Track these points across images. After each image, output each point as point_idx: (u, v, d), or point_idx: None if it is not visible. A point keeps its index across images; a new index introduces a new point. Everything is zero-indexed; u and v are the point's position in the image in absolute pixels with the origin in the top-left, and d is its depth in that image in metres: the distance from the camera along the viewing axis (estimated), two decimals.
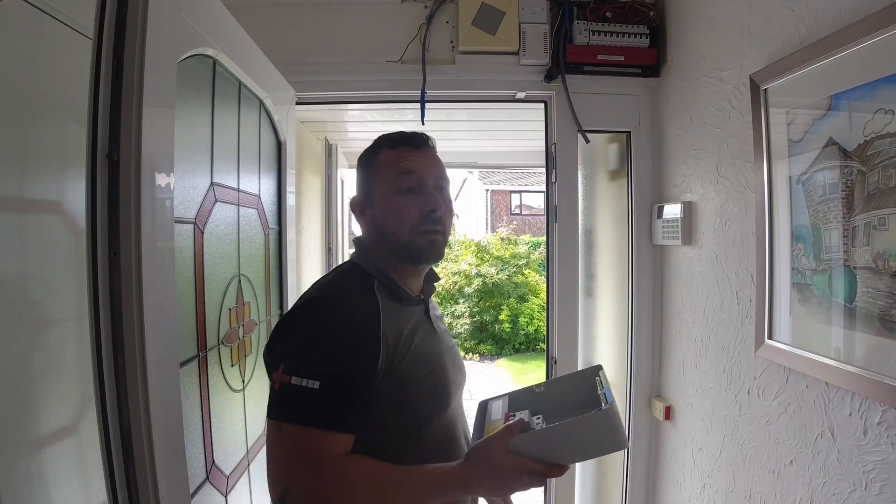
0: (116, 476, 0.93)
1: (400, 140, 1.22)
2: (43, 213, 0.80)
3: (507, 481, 1.04)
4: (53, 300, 0.83)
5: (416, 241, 1.17)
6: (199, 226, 1.25)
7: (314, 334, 1.03)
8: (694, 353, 1.94)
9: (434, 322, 1.27)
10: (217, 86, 1.37)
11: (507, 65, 2.11)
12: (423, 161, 1.20)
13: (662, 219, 2.09)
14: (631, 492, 2.27)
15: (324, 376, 0.98)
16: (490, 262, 11.63)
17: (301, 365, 0.99)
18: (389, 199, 1.17)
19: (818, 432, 1.34)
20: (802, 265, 1.38)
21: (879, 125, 1.14)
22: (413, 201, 1.16)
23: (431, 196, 1.18)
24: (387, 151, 1.21)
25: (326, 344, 1.02)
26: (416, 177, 1.17)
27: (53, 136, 0.82)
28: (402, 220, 1.16)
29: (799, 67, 1.36)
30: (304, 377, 0.97)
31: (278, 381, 0.98)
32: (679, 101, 2.02)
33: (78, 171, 0.86)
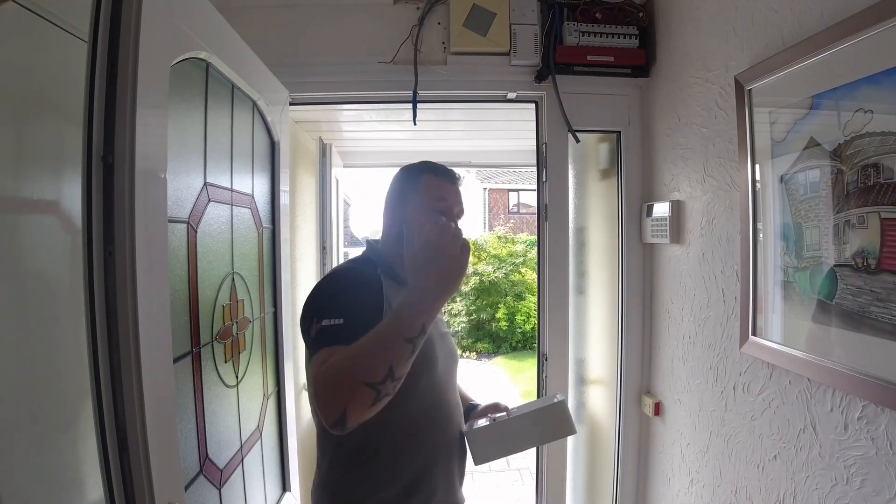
0: (112, 469, 0.96)
1: (442, 172, 1.51)
2: (39, 213, 0.82)
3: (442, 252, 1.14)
4: (49, 299, 0.85)
5: None
6: (192, 225, 1.27)
7: (333, 292, 1.30)
8: (682, 349, 1.97)
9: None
10: (210, 88, 1.39)
11: (498, 65, 2.13)
12: (454, 193, 1.50)
13: (652, 217, 2.11)
14: (622, 487, 2.30)
15: (345, 314, 1.20)
16: (487, 260, 11.66)
17: (327, 312, 1.21)
18: (422, 214, 1.43)
19: (801, 427, 1.37)
20: (785, 263, 1.40)
21: (859, 125, 1.16)
22: None
23: (454, 221, 1.47)
24: (431, 177, 1.49)
25: (343, 296, 1.28)
26: (447, 204, 1.47)
27: (50, 137, 0.85)
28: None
29: (782, 68, 1.38)
30: (331, 318, 1.19)
31: (315, 329, 1.19)
32: (668, 101, 2.05)
33: (74, 171, 0.89)
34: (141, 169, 0.95)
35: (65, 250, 0.87)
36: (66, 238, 0.87)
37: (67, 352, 0.89)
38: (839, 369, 1.22)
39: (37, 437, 0.79)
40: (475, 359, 10.64)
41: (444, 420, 1.46)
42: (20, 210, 0.79)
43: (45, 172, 0.83)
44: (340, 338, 1.15)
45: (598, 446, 2.54)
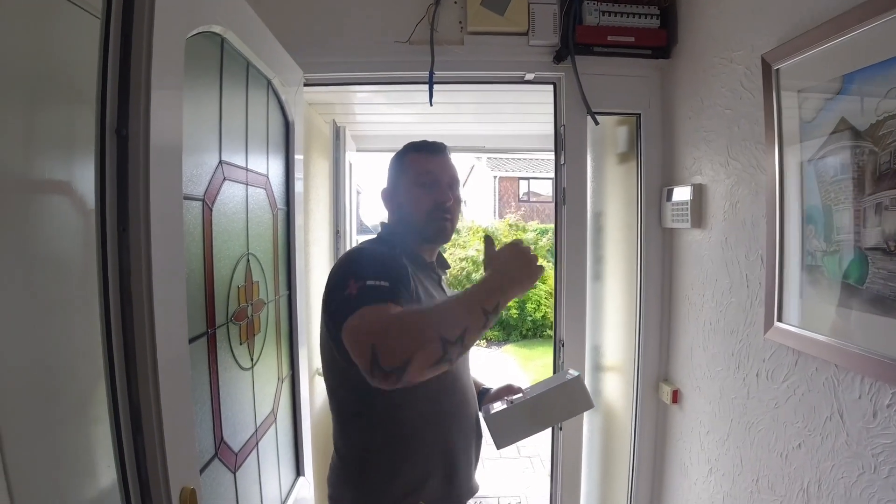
0: (126, 452, 0.94)
1: (423, 147, 1.54)
2: (50, 194, 0.80)
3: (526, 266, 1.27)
4: (61, 280, 0.83)
5: (429, 224, 1.48)
6: (207, 203, 1.25)
7: (369, 259, 1.32)
8: (702, 336, 1.93)
9: (447, 293, 1.55)
10: (225, 64, 1.36)
11: (516, 45, 2.09)
12: (439, 164, 1.51)
13: (672, 202, 2.07)
14: (637, 475, 2.28)
15: (390, 279, 1.21)
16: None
17: (369, 273, 1.21)
18: (411, 191, 1.49)
19: (827, 415, 1.33)
20: (813, 247, 1.37)
21: (892, 105, 1.12)
22: (429, 194, 1.47)
23: (443, 191, 1.49)
24: (413, 154, 1.53)
25: (380, 263, 1.28)
26: (433, 175, 1.49)
27: (61, 116, 0.82)
28: (421, 206, 1.47)
29: (811, 47, 1.33)
30: (376, 279, 1.19)
31: (354, 287, 1.17)
32: (689, 83, 2.00)
33: (85, 151, 0.86)
34: (156, 142, 0.93)
35: (77, 231, 0.85)
36: (79, 219, 0.85)
37: (79, 334, 0.87)
38: (869, 355, 1.19)
39: (48, 420, 0.77)
40: (485, 346, 10.63)
41: (461, 405, 1.46)
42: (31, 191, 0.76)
43: (55, 152, 0.80)
44: (389, 294, 1.17)
45: (613, 434, 2.51)
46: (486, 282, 1.22)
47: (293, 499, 1.84)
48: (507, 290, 1.22)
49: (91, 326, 0.89)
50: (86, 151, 0.87)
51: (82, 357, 0.87)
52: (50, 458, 0.77)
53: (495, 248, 1.35)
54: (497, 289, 1.20)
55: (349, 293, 1.17)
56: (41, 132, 0.79)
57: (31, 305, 0.76)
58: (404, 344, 1.08)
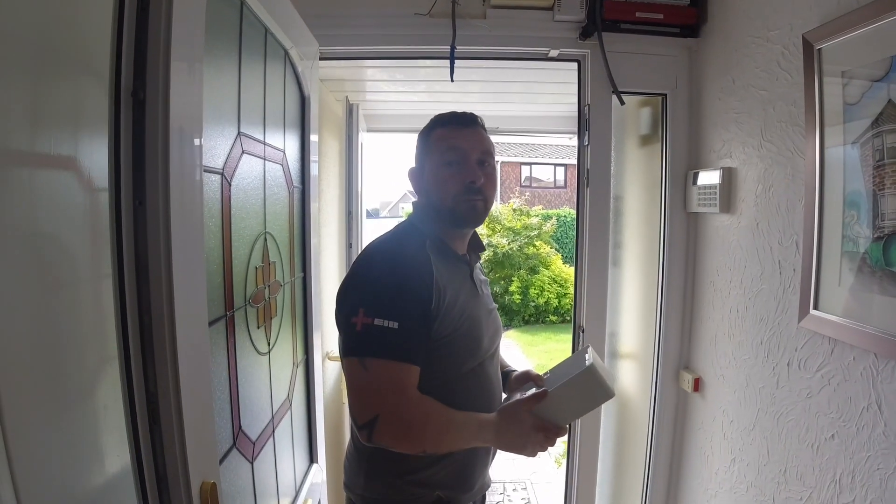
0: (142, 443, 0.88)
1: (450, 119, 1.40)
2: (56, 170, 0.73)
3: (526, 438, 1.24)
4: (68, 261, 0.76)
5: (458, 207, 1.35)
6: (226, 177, 1.18)
7: (386, 283, 1.23)
8: (728, 323, 1.88)
9: (478, 285, 1.46)
10: (244, 30, 1.29)
11: (541, 20, 2.00)
12: (468, 138, 1.37)
13: (697, 185, 2.01)
14: (654, 464, 2.24)
15: (400, 317, 1.18)
16: (501, 232, 11.56)
17: (382, 309, 1.18)
18: (438, 171, 1.37)
19: (864, 405, 1.29)
20: (855, 233, 1.31)
21: None
22: (457, 173, 1.35)
23: (473, 169, 1.35)
24: (439, 129, 1.40)
25: (397, 291, 1.22)
26: (461, 152, 1.35)
27: (68, 88, 0.75)
28: (448, 189, 1.35)
29: (857, 27, 1.27)
30: (386, 318, 1.17)
31: (360, 322, 1.17)
32: (720, 63, 1.93)
33: (97, 121, 0.80)
34: (176, 107, 0.86)
35: (85, 209, 0.78)
36: (86, 196, 0.78)
37: (88, 316, 0.80)
38: None
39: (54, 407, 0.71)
40: None
41: (486, 401, 1.40)
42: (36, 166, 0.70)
43: (63, 124, 0.74)
44: (396, 348, 1.19)
45: (628, 421, 2.48)
46: (485, 433, 1.27)
47: (308, 486, 1.79)
48: (493, 443, 1.30)
49: (103, 308, 0.83)
50: (97, 122, 0.80)
51: (92, 340, 0.81)
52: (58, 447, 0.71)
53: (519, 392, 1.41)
54: (488, 441, 1.28)
55: (355, 325, 1.18)
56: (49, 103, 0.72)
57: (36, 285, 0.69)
58: (400, 435, 1.20)
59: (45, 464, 0.69)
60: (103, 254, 0.82)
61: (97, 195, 0.80)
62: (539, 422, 1.24)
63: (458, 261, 1.42)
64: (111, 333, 0.84)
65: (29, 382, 0.67)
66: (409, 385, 1.21)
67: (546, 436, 1.24)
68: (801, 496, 1.51)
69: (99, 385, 0.83)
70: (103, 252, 0.82)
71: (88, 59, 0.79)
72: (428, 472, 1.33)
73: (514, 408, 1.26)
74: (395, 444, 1.21)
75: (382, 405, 1.18)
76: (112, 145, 0.82)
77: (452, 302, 1.30)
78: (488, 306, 1.48)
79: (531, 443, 1.24)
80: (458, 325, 1.30)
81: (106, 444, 0.83)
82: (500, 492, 4.33)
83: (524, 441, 1.24)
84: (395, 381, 1.19)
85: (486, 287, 1.53)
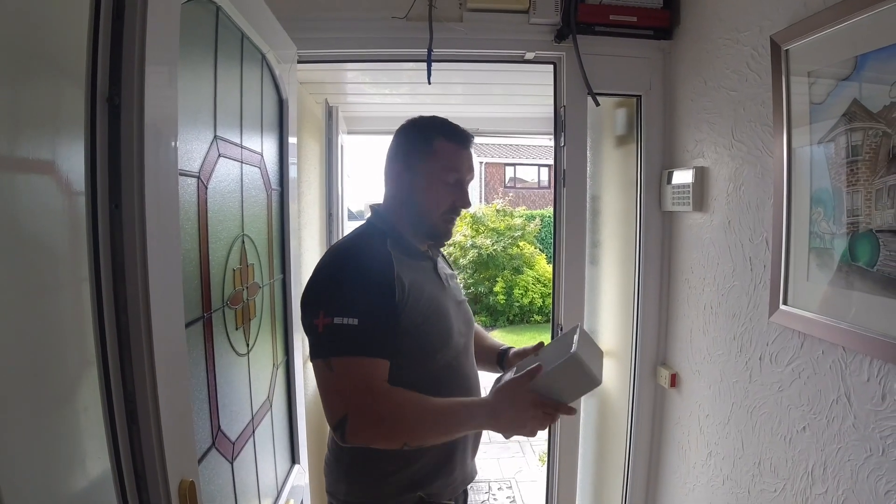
0: (120, 443, 0.89)
1: (457, 135, 1.38)
2: (36, 174, 0.74)
3: (525, 415, 1.19)
4: (48, 264, 0.77)
5: (438, 226, 1.39)
6: (202, 180, 1.19)
7: (343, 281, 1.23)
8: (702, 320, 1.92)
9: (444, 279, 1.46)
10: (220, 34, 1.30)
11: (517, 23, 2.03)
12: (469, 161, 1.39)
13: (672, 185, 2.04)
14: (634, 459, 2.27)
15: (359, 313, 1.18)
16: (485, 233, 11.60)
17: (340, 307, 1.18)
18: (434, 186, 1.36)
19: (833, 398, 1.32)
20: (822, 229, 1.35)
21: None
22: (451, 194, 1.37)
23: (466, 195, 1.39)
24: (444, 142, 1.37)
25: (355, 287, 1.22)
26: (460, 175, 1.37)
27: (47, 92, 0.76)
28: (437, 207, 1.36)
29: (823, 28, 1.30)
30: (345, 316, 1.17)
31: (321, 324, 1.17)
32: (692, 64, 1.96)
33: (71, 130, 0.80)
34: (151, 112, 0.87)
35: (64, 212, 0.79)
36: (65, 199, 0.79)
37: (68, 320, 0.81)
38: (879, 338, 1.18)
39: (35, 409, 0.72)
40: None
41: (464, 387, 1.41)
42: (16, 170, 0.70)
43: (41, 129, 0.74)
44: (358, 344, 1.18)
45: (609, 417, 2.50)
46: (477, 417, 1.23)
47: (289, 487, 1.80)
48: (489, 426, 1.24)
49: (81, 309, 0.84)
50: (74, 127, 0.81)
51: (73, 343, 0.82)
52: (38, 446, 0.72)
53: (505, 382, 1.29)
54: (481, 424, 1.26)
55: (317, 327, 1.18)
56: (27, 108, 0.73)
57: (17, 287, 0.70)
58: (373, 430, 1.18)
59: (26, 463, 0.69)
60: (81, 256, 0.83)
61: (75, 199, 0.81)
62: (538, 398, 1.20)
63: (420, 256, 1.41)
64: (89, 334, 0.84)
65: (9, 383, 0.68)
66: (376, 378, 1.19)
67: (546, 412, 1.20)
68: (776, 488, 1.54)
69: (78, 385, 0.83)
70: (81, 254, 0.83)
71: (65, 65, 0.80)
72: (409, 472, 1.32)
73: (511, 385, 1.22)
74: (371, 440, 1.20)
75: (350, 403, 1.16)
76: (88, 150, 0.83)
77: (418, 293, 1.30)
78: (457, 298, 1.48)
79: (532, 419, 1.19)
80: (427, 316, 1.30)
81: (85, 443, 0.84)
82: (486, 491, 4.35)
83: (525, 418, 1.19)
84: (361, 377, 1.17)
85: (453, 280, 1.52)
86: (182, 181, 1.06)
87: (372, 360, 1.19)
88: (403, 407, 1.20)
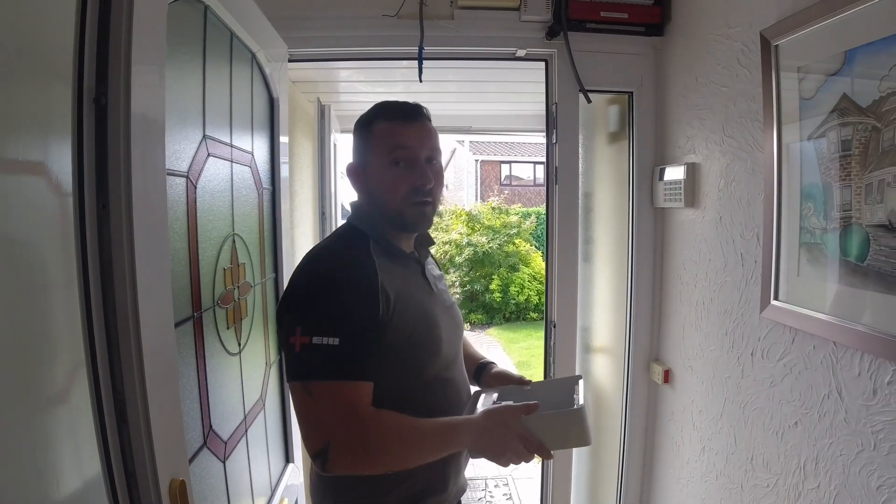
0: (110, 443, 0.89)
1: (395, 112, 1.27)
2: (22, 174, 0.74)
3: (508, 445, 1.15)
4: (39, 265, 0.77)
5: (406, 212, 1.26)
6: (191, 180, 1.19)
7: (323, 296, 1.12)
8: (695, 316, 1.92)
9: (431, 282, 1.36)
10: (208, 34, 1.30)
11: (508, 21, 2.03)
12: (416, 134, 1.25)
13: (664, 181, 2.05)
14: (628, 455, 2.28)
15: (341, 332, 1.08)
16: (481, 231, 11.60)
17: (319, 324, 1.08)
18: (383, 172, 1.25)
19: (825, 393, 1.32)
20: (812, 224, 1.35)
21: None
22: (405, 175, 1.24)
23: (423, 170, 1.24)
24: (382, 123, 1.26)
25: (336, 303, 1.11)
26: (410, 151, 1.23)
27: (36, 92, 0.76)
28: (395, 193, 1.24)
29: (813, 22, 1.30)
30: (324, 335, 1.07)
31: (298, 343, 1.07)
32: (683, 61, 1.97)
33: (61, 130, 0.80)
34: (138, 112, 0.87)
35: (51, 212, 0.79)
36: (52, 199, 0.79)
37: (56, 319, 0.81)
38: (870, 332, 1.18)
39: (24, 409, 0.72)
40: (469, 330, 10.65)
41: (457, 411, 1.31)
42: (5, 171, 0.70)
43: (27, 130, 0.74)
44: (340, 367, 1.09)
45: (603, 414, 2.51)
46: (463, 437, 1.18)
47: (283, 486, 1.80)
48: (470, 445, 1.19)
49: (70, 309, 0.84)
50: (61, 127, 0.81)
51: (62, 342, 0.82)
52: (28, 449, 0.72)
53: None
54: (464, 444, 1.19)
55: (293, 346, 1.08)
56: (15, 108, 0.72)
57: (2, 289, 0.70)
58: (356, 460, 1.09)
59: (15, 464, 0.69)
60: (69, 256, 0.83)
61: (63, 199, 0.81)
62: (525, 432, 1.16)
63: (406, 259, 1.32)
64: (78, 334, 0.84)
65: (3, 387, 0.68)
66: (360, 403, 1.10)
67: (527, 448, 1.16)
68: (768, 483, 1.54)
69: (66, 385, 0.83)
70: (69, 254, 0.83)
71: (52, 64, 0.80)
72: (401, 490, 1.24)
73: (504, 412, 1.18)
74: (354, 469, 1.12)
75: (332, 431, 1.07)
76: (75, 150, 0.83)
77: (404, 305, 1.20)
78: (446, 303, 1.40)
79: (510, 451, 1.16)
80: (415, 328, 1.22)
81: (75, 442, 0.84)
82: (482, 488, 4.36)
83: (505, 447, 1.15)
84: (343, 403, 1.08)
85: (441, 283, 1.44)
86: (170, 181, 1.06)
87: (354, 383, 1.10)
88: (389, 432, 1.11)
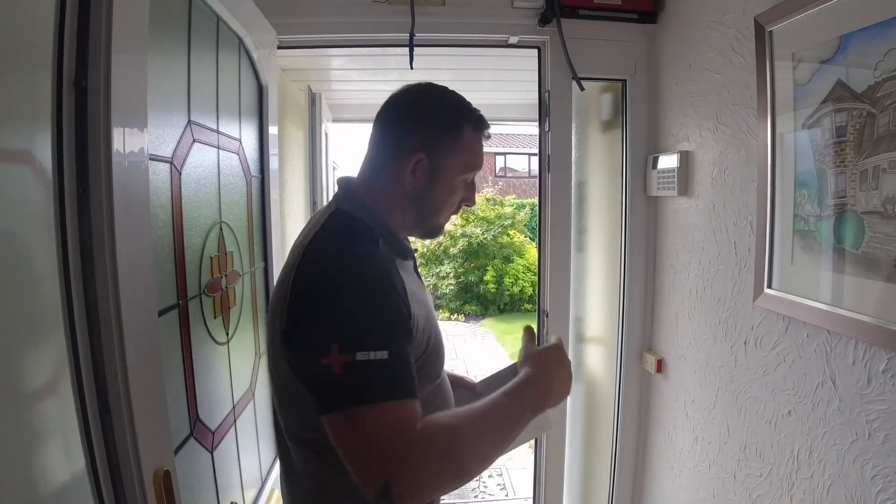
0: (93, 432, 0.87)
1: (481, 123, 1.15)
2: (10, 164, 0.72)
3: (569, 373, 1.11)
4: (26, 257, 0.75)
5: (441, 224, 1.18)
6: (175, 166, 1.16)
7: (358, 303, 0.92)
8: (688, 305, 1.91)
9: (421, 277, 1.25)
10: (193, 17, 1.27)
11: (500, 7, 2.01)
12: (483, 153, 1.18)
13: (657, 169, 2.03)
14: (621, 445, 2.27)
15: (388, 341, 0.90)
16: (475, 222, 11.60)
17: (362, 337, 0.88)
18: (453, 181, 1.12)
19: (818, 381, 1.32)
20: (806, 212, 1.34)
21: (891, 65, 1.08)
22: (465, 191, 1.16)
23: (474, 191, 1.19)
24: (471, 132, 1.12)
25: (374, 310, 0.93)
26: (479, 171, 1.17)
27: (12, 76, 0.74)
28: (451, 206, 1.16)
29: (806, 8, 1.29)
30: (371, 349, 0.87)
31: (337, 363, 0.86)
32: (677, 48, 1.95)
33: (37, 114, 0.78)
34: (118, 95, 0.85)
35: (37, 200, 0.77)
36: (31, 184, 0.77)
37: (41, 309, 0.79)
38: (864, 320, 1.17)
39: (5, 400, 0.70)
40: (463, 321, 10.66)
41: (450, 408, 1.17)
42: None
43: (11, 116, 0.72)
44: (391, 385, 0.88)
45: (596, 404, 2.51)
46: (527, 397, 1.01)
47: (273, 478, 1.79)
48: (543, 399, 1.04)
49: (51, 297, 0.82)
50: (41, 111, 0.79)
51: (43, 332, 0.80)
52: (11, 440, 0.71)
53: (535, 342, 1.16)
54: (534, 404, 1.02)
55: (329, 367, 0.87)
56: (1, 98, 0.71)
57: None
58: (431, 483, 0.88)
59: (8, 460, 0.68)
60: (49, 243, 0.81)
61: (45, 185, 0.79)
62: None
63: (409, 256, 1.17)
64: (59, 323, 0.82)
65: None
66: (413, 422, 0.88)
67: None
68: (761, 472, 1.54)
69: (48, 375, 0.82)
70: (49, 241, 0.81)
71: (31, 47, 0.78)
72: None
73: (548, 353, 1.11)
74: (430, 493, 0.90)
75: (389, 466, 0.85)
76: (55, 133, 0.81)
77: (420, 309, 1.04)
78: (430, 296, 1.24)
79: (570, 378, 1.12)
80: (430, 334, 1.08)
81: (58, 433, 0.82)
82: (477, 479, 4.36)
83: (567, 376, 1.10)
84: (400, 428, 0.87)
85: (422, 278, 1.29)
86: (154, 166, 1.04)
87: (410, 402, 0.90)
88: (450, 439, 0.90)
